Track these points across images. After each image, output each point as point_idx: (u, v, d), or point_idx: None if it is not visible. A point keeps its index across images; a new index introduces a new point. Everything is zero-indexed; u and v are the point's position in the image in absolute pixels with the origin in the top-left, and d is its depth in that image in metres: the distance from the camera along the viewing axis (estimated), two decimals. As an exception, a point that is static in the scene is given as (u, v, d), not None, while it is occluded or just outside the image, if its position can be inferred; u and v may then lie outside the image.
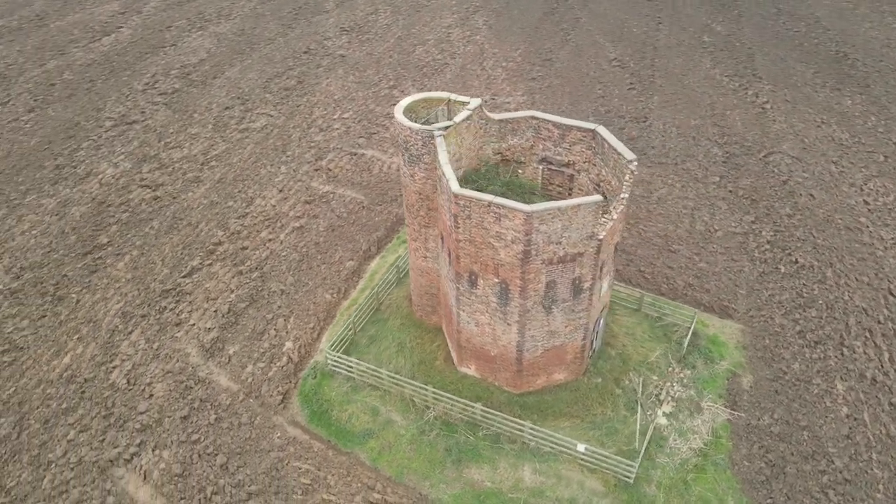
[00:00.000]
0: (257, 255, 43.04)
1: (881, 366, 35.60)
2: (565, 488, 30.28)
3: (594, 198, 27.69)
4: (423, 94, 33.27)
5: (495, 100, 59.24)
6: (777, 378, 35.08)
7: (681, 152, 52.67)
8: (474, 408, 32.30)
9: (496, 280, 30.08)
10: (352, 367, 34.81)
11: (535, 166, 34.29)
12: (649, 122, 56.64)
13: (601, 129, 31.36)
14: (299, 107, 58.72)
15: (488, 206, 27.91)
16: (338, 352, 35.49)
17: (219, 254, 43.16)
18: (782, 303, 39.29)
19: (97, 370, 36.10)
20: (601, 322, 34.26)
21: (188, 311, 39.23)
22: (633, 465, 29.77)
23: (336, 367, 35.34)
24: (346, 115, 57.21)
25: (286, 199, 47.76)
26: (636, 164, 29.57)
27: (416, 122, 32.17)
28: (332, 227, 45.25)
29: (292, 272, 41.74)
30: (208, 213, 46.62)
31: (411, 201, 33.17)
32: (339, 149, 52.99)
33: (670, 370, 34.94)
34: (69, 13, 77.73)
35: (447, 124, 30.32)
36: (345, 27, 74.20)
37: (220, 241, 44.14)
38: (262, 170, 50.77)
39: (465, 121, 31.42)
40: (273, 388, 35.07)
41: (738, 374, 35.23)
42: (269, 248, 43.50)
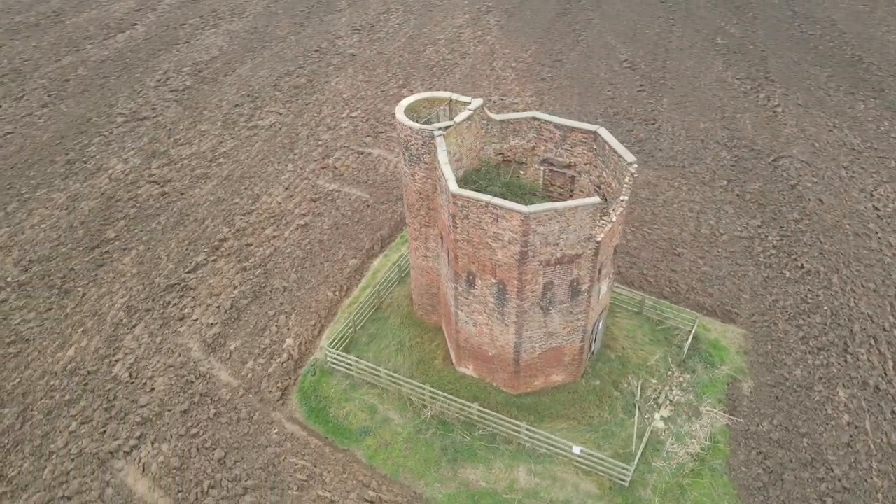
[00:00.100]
0: (261, 251, 43.33)
1: (885, 374, 35.18)
2: (560, 490, 30.22)
3: (592, 200, 27.61)
4: (426, 94, 33.34)
5: (504, 100, 59.19)
6: (778, 384, 34.77)
7: (689, 155, 52.33)
8: (471, 408, 32.33)
9: (494, 280, 30.08)
10: (351, 365, 34.98)
11: (536, 167, 34.25)
12: (658, 125, 56.32)
13: (602, 131, 31.29)
14: (308, 105, 59.02)
15: (486, 206, 27.91)
16: (337, 349, 35.67)
17: (224, 250, 43.51)
18: (786, 308, 38.93)
19: (100, 363, 36.54)
20: (600, 324, 34.15)
21: (191, 307, 39.58)
22: (628, 469, 29.65)
23: (335, 364, 35.52)
24: (355, 114, 57.43)
25: (292, 196, 48.03)
26: (636, 166, 29.48)
27: (417, 121, 32.27)
28: (336, 224, 45.45)
29: (295, 269, 41.98)
30: (215, 209, 47.01)
31: (412, 200, 33.26)
32: (346, 147, 53.20)
33: (670, 374, 34.75)
34: (85, 10, 78.64)
35: (447, 124, 30.36)
36: (356, 26, 74.46)
37: (226, 237, 44.49)
38: (270, 167, 51.10)
39: (466, 121, 31.43)
40: (273, 385, 35.31)
41: (738, 379, 34.96)
42: (273, 245, 43.79)
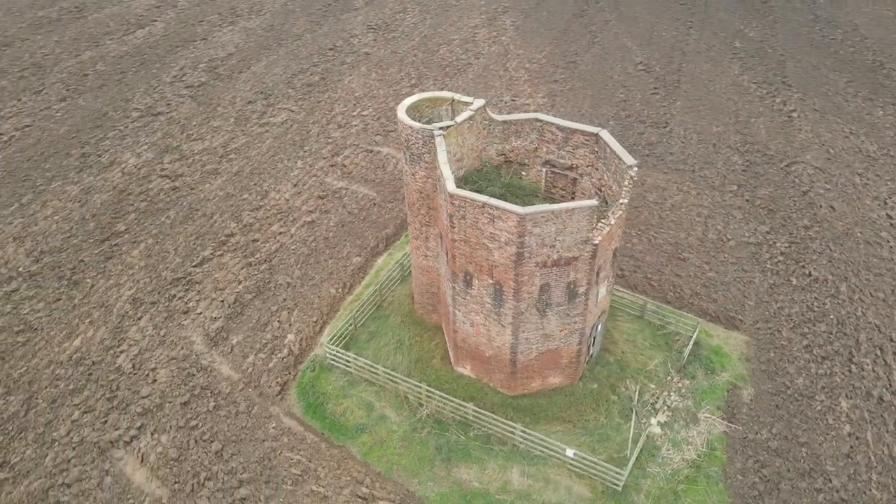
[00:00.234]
0: (267, 247, 43.72)
1: (889, 384, 34.61)
2: (553, 492, 30.15)
3: (589, 202, 27.51)
4: (428, 94, 33.44)
5: (515, 101, 59.10)
6: (779, 392, 34.37)
7: (699, 159, 51.87)
8: (466, 407, 32.36)
9: (490, 281, 30.09)
10: (349, 362, 35.18)
11: (538, 169, 34.22)
12: (670, 128, 55.88)
13: (604, 134, 31.19)
14: (320, 103, 59.40)
15: (482, 206, 27.94)
16: (337, 346, 35.89)
17: (230, 245, 43.96)
18: (791, 316, 38.46)
19: (105, 354, 37.12)
20: (599, 327, 33.99)
21: (196, 300, 40.07)
22: (621, 473, 29.50)
23: (334, 361, 35.74)
24: (366, 113, 57.69)
25: (300, 193, 48.40)
26: (636, 169, 29.36)
27: (420, 120, 32.38)
28: (342, 222, 45.72)
29: (300, 266, 42.30)
30: (223, 204, 47.51)
31: (412, 200, 33.38)
32: (355, 145, 53.47)
33: (669, 379, 34.49)
34: (107, 5, 79.85)
35: (447, 124, 30.42)
36: (372, 25, 74.77)
37: (233, 232, 44.96)
38: (279, 164, 51.53)
39: (468, 121, 31.48)
40: (272, 379, 35.62)
41: (738, 386, 34.61)
42: (279, 242, 44.16)
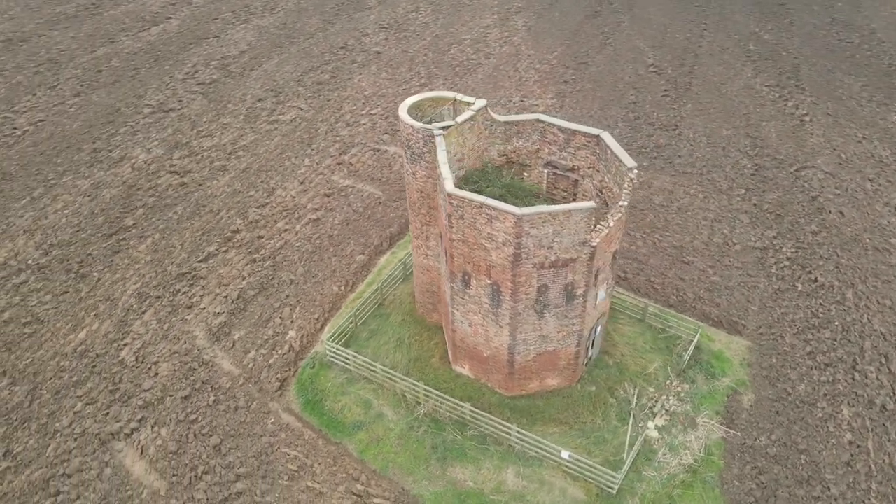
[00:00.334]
0: (272, 244, 44.01)
1: (893, 393, 34.18)
2: (547, 494, 30.10)
3: (586, 204, 27.45)
4: (431, 93, 33.51)
5: (524, 101, 59.00)
6: (780, 398, 34.06)
7: (708, 162, 51.49)
8: (463, 407, 32.40)
9: (488, 281, 30.11)
10: (349, 360, 35.34)
11: (540, 170, 34.17)
12: (679, 130, 55.52)
13: (605, 135, 31.09)
14: (329, 101, 59.67)
15: (480, 207, 27.96)
16: (337, 344, 36.06)
17: (235, 241, 44.31)
18: (795, 322, 38.09)
19: (109, 347, 37.56)
20: (598, 330, 33.88)
21: (200, 295, 40.42)
22: (616, 476, 29.40)
23: (334, 358, 35.92)
24: (374, 112, 57.87)
25: (306, 190, 48.67)
26: (636, 172, 29.26)
27: (422, 120, 32.45)
28: (347, 220, 45.92)
29: (303, 263, 42.55)
30: (230, 201, 47.89)
31: (413, 199, 33.46)
32: (363, 144, 53.67)
33: (668, 383, 34.31)
34: (123, 2, 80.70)
35: (448, 124, 30.47)
36: (384, 24, 74.97)
37: (238, 228, 45.31)
38: (287, 161, 51.84)
39: (469, 121, 31.51)
40: (272, 375, 35.88)
41: (739, 391, 34.34)
42: (283, 239, 44.44)
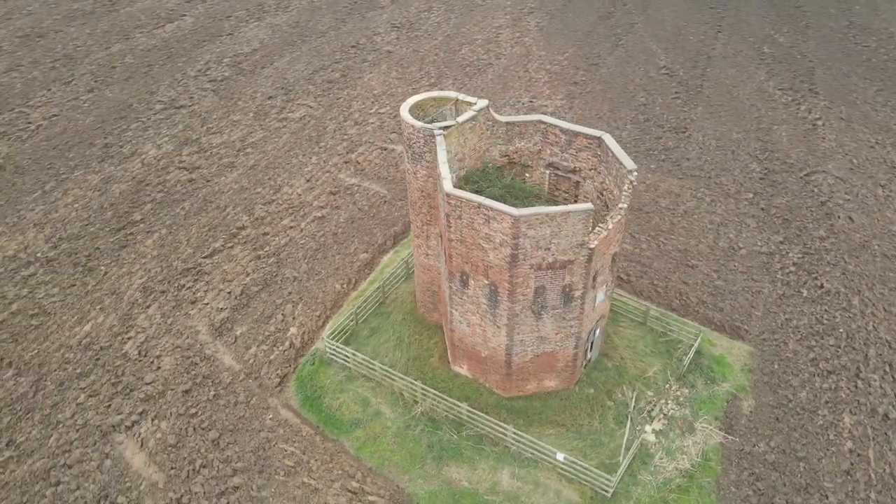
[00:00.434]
0: (277, 241, 44.30)
1: (896, 402, 33.80)
2: (541, 496, 30.05)
3: (584, 206, 27.37)
4: (433, 93, 33.56)
5: (533, 102, 58.88)
6: (780, 405, 33.75)
7: (716, 166, 51.09)
8: (460, 407, 32.43)
9: (486, 282, 30.12)
10: (348, 357, 35.49)
11: (542, 171, 34.11)
12: (689, 133, 55.14)
13: (606, 137, 30.98)
14: (339, 100, 59.92)
15: (478, 207, 27.98)
16: (338, 341, 36.23)
17: (241, 237, 44.64)
18: (799, 328, 37.72)
19: (113, 340, 38.00)
20: (597, 332, 33.76)
21: (204, 291, 40.77)
22: (610, 480, 29.29)
23: (334, 355, 36.10)
24: (383, 111, 58.03)
25: (312, 188, 48.91)
26: (636, 174, 29.13)
27: (424, 119, 32.52)
28: (352, 218, 46.10)
29: (307, 260, 42.77)
30: (237, 197, 48.26)
31: (414, 198, 33.53)
32: (370, 143, 53.84)
33: (667, 387, 34.12)
34: None
35: (448, 124, 30.50)
36: (396, 23, 75.13)
37: (244, 225, 45.64)
38: (294, 159, 52.13)
39: (470, 121, 31.52)
40: (272, 371, 36.11)
41: (739, 397, 34.08)
42: (288, 236, 44.70)
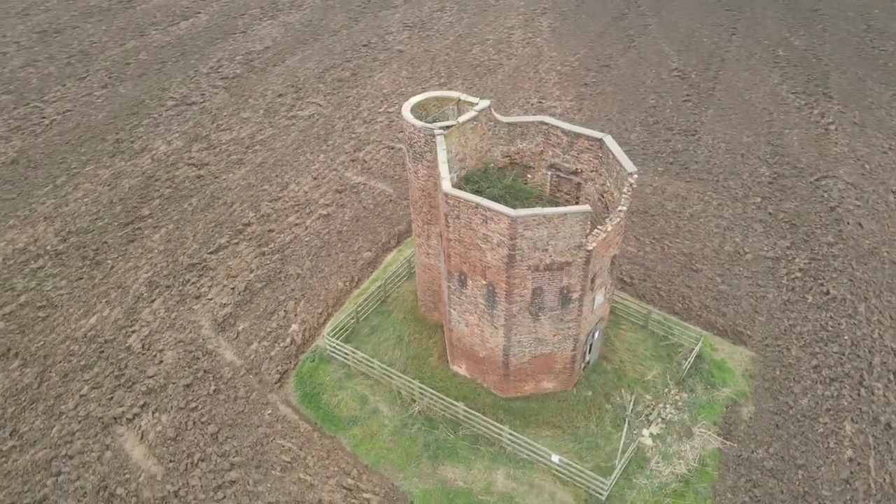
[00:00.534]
0: (281, 238, 44.57)
1: (899, 411, 33.36)
2: (536, 497, 30.02)
3: (581, 208, 27.29)
4: (435, 93, 33.60)
5: (542, 103, 58.75)
6: (781, 412, 33.44)
7: (725, 169, 50.69)
8: (457, 406, 32.46)
9: (484, 282, 30.13)
10: (347, 355, 35.65)
11: (544, 172, 34.05)
12: (698, 136, 54.75)
13: (608, 139, 30.86)
14: (348, 98, 60.16)
15: (475, 207, 27.99)
16: (338, 339, 36.40)
17: (246, 234, 44.97)
18: (803, 334, 37.34)
19: (118, 333, 38.44)
20: (596, 335, 33.64)
21: (208, 286, 41.13)
22: (605, 482, 29.19)
23: (334, 352, 36.28)
24: (392, 110, 58.17)
25: (319, 186, 49.16)
26: (636, 176, 29.00)
27: (425, 119, 32.58)
28: (357, 217, 46.28)
29: (311, 257, 43.01)
30: (244, 194, 48.62)
31: (415, 198, 33.61)
32: (378, 142, 54.01)
33: (666, 391, 33.93)
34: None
35: (449, 123, 30.54)
36: (408, 23, 75.27)
37: (250, 221, 45.97)
38: (302, 157, 52.41)
39: (471, 121, 31.53)
40: (273, 367, 36.36)
41: (739, 402, 33.81)
42: (293, 233, 44.95)
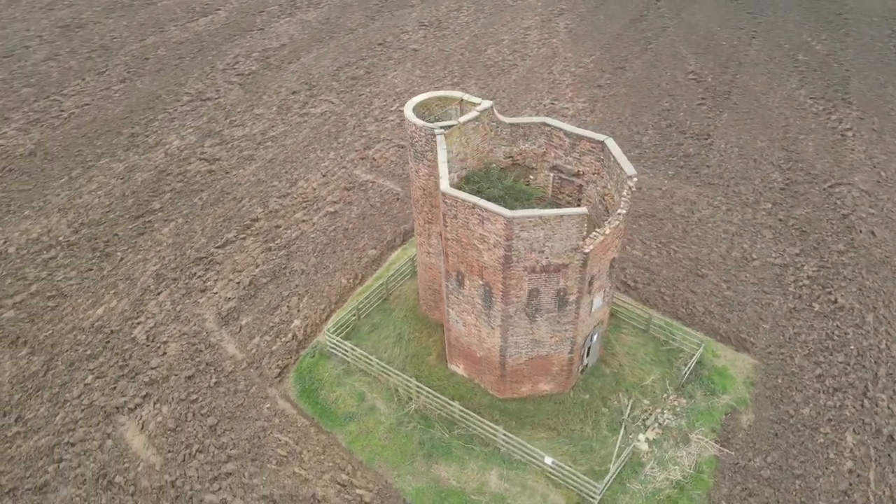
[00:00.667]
0: (288, 234, 44.94)
1: (903, 423, 32.78)
2: (528, 499, 29.97)
3: (578, 210, 27.20)
4: (438, 92, 33.70)
5: (554, 105, 58.55)
6: (781, 420, 33.02)
7: (736, 174, 50.12)
8: (452, 406, 32.52)
9: (481, 282, 30.15)
10: (347, 352, 35.86)
11: (546, 174, 33.99)
12: (711, 140, 54.21)
13: (609, 142, 30.72)
14: (361, 96, 60.45)
15: (472, 207, 28.02)
16: (338, 335, 36.63)
17: (254, 229, 45.41)
18: (807, 343, 36.83)
19: (124, 324, 39.05)
20: (595, 338, 33.48)
21: (214, 280, 41.61)
22: (597, 486, 29.05)
23: (333, 349, 36.51)
24: (403, 109, 58.26)
25: (327, 183, 49.47)
26: (635, 180, 28.84)
27: (428, 118, 32.66)
28: (363, 214, 46.51)
29: (316, 254, 43.31)
30: (253, 190, 49.09)
31: (416, 196, 33.72)
32: (388, 140, 54.22)
33: (665, 396, 33.67)
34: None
35: (450, 123, 30.60)
36: (424, 22, 75.40)
37: (258, 217, 46.42)
38: (312, 154, 52.78)
39: (473, 122, 31.57)
40: (273, 362, 36.69)
41: (738, 410, 33.45)
42: (300, 229, 45.31)
